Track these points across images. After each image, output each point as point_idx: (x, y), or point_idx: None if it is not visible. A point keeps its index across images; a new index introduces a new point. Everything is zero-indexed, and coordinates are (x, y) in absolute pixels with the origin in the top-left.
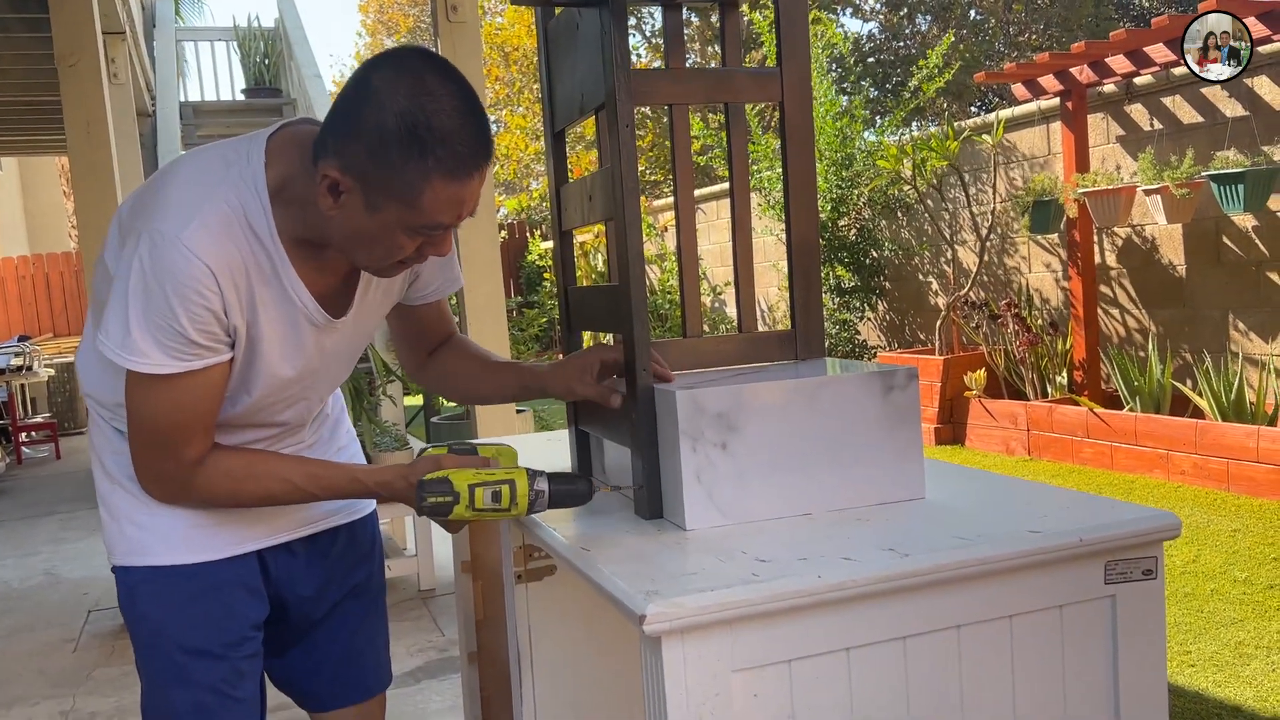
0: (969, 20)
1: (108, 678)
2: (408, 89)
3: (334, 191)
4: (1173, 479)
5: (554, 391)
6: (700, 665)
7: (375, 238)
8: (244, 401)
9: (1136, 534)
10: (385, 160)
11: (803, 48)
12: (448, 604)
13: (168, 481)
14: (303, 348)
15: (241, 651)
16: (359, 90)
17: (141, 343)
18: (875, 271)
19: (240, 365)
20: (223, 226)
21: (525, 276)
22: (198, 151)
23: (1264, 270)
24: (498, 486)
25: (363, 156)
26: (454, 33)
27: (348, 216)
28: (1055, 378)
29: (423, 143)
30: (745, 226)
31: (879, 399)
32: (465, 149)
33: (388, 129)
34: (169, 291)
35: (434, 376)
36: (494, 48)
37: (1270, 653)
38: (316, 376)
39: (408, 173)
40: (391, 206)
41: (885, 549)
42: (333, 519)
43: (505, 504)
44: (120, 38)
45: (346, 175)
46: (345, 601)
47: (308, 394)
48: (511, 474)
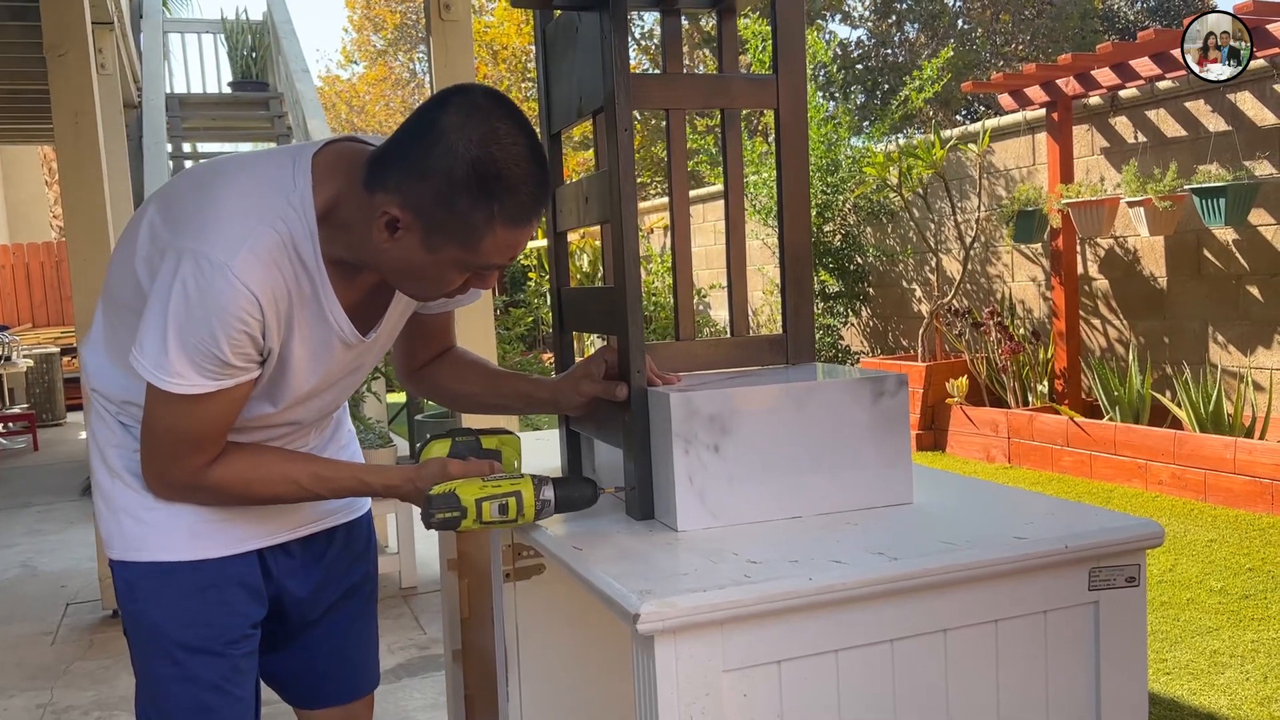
0: (957, 29)
1: (85, 671)
2: (479, 136)
3: (391, 228)
4: (1151, 489)
5: (564, 398)
6: (692, 665)
7: (426, 273)
8: (265, 410)
9: (1120, 541)
10: (452, 206)
11: (799, 54)
12: (429, 602)
13: (176, 484)
14: (331, 364)
15: (241, 649)
16: (428, 130)
17: (178, 364)
18: (859, 278)
19: (268, 380)
20: (270, 254)
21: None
22: (237, 165)
23: (1243, 284)
24: (505, 499)
25: (428, 199)
26: (446, 31)
27: (402, 251)
28: (1036, 386)
29: (491, 191)
30: (739, 231)
31: (869, 405)
32: (529, 198)
33: (457, 175)
34: (213, 319)
35: (433, 385)
36: (483, 45)
37: (1244, 662)
38: (337, 386)
39: (473, 219)
40: (449, 248)
41: (874, 553)
42: (330, 519)
43: (512, 515)
44: (108, 28)
45: (408, 213)
46: (340, 602)
47: (325, 399)
48: (518, 484)
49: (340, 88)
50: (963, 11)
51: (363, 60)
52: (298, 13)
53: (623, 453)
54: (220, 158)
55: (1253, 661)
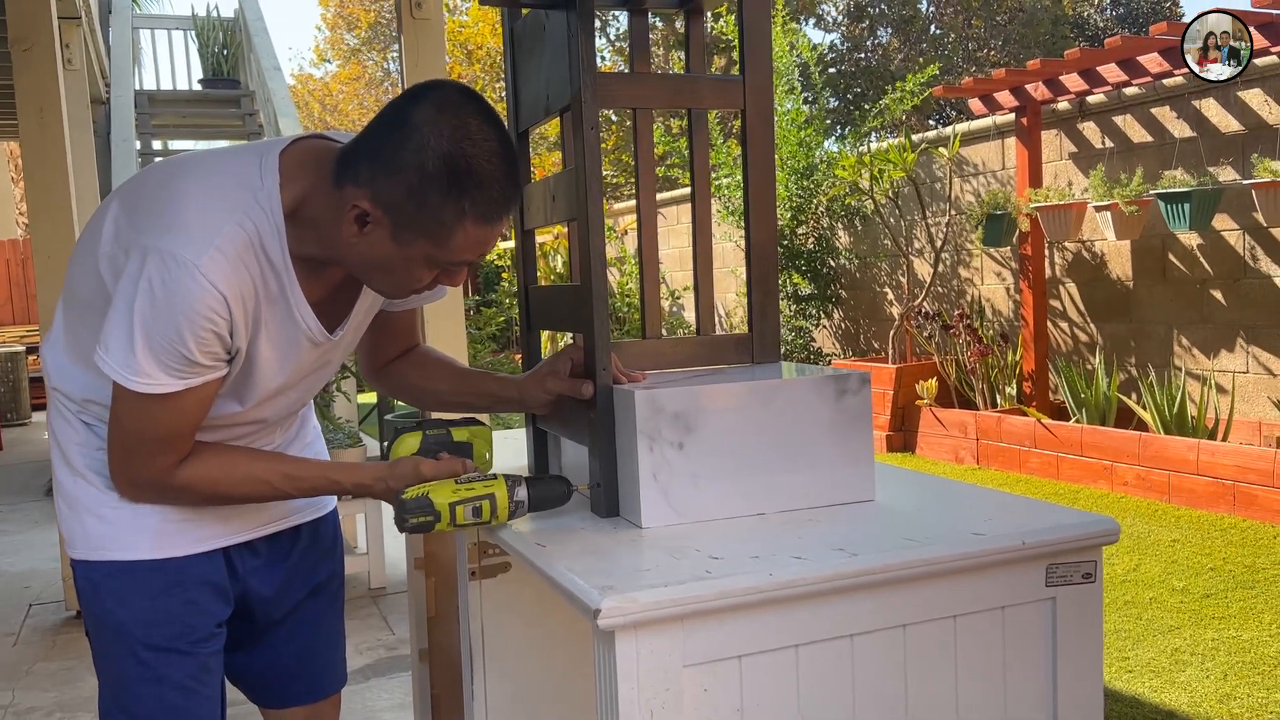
0: (929, 35)
1: (48, 672)
2: (450, 130)
3: (361, 221)
4: (1116, 490)
5: (531, 396)
6: (652, 660)
7: (396, 269)
8: (232, 409)
9: (1077, 538)
10: (422, 200)
11: (765, 56)
12: (398, 602)
13: (146, 485)
14: (298, 362)
15: (207, 648)
16: (398, 124)
17: (145, 364)
18: (832, 280)
19: (235, 379)
20: (237, 252)
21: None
22: (202, 162)
23: (1207, 288)
24: (478, 502)
25: (398, 192)
26: (417, 29)
27: (371, 246)
28: (1005, 388)
29: (461, 186)
30: (706, 229)
31: (832, 403)
32: (500, 194)
33: (428, 170)
34: (180, 318)
35: (399, 382)
36: (457, 45)
37: (1204, 660)
38: (303, 384)
39: (443, 214)
40: (419, 243)
41: (835, 549)
42: (295, 517)
43: (486, 517)
44: (75, 23)
45: (378, 208)
46: (307, 600)
47: (291, 396)
48: (491, 486)
49: (313, 86)
50: (935, 17)
51: (336, 59)
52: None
53: (588, 450)
54: (186, 154)
55: (1213, 659)
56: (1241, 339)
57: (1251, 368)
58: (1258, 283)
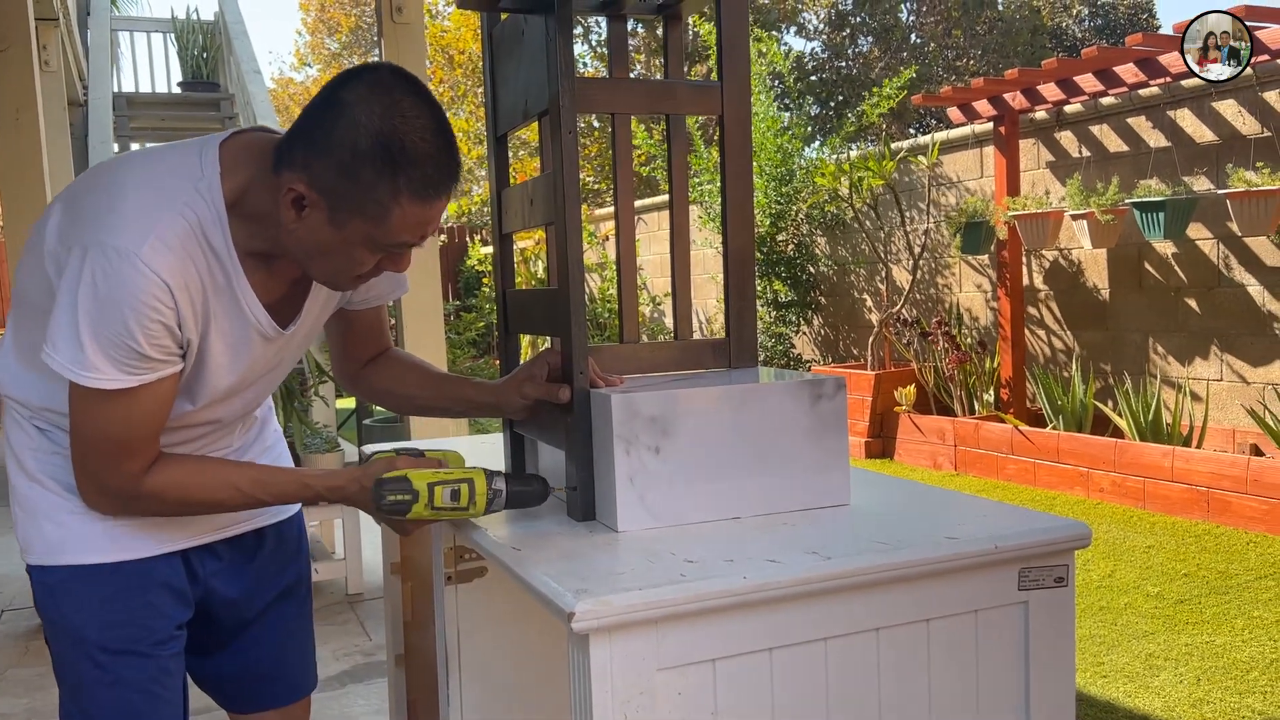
0: (910, 44)
1: (20, 679)
2: (382, 108)
3: (298, 205)
4: (1092, 496)
5: (508, 402)
6: (626, 663)
7: (336, 252)
8: (184, 408)
9: (1049, 542)
10: (355, 178)
11: (743, 63)
12: (375, 608)
13: (114, 494)
14: (249, 358)
15: (167, 650)
16: (331, 105)
17: (95, 358)
18: (811, 286)
19: (187, 376)
20: (180, 241)
21: (464, 281)
22: (142, 157)
23: (1182, 296)
24: (456, 485)
25: (332, 172)
26: (398, 34)
27: (310, 230)
28: (983, 395)
29: (395, 163)
30: (684, 235)
31: (807, 407)
32: (436, 171)
33: (360, 147)
34: (125, 309)
35: (373, 387)
36: (439, 50)
37: (1178, 665)
38: (258, 382)
39: (377, 192)
40: (357, 223)
41: (809, 552)
42: (257, 520)
43: (464, 503)
44: (53, 24)
45: (313, 190)
46: (275, 604)
47: (245, 397)
48: (470, 473)
49: (294, 90)
50: (915, 26)
51: (316, 63)
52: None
53: (565, 454)
54: (127, 153)
55: (1186, 664)
56: (1215, 347)
57: (1225, 375)
58: (1231, 291)
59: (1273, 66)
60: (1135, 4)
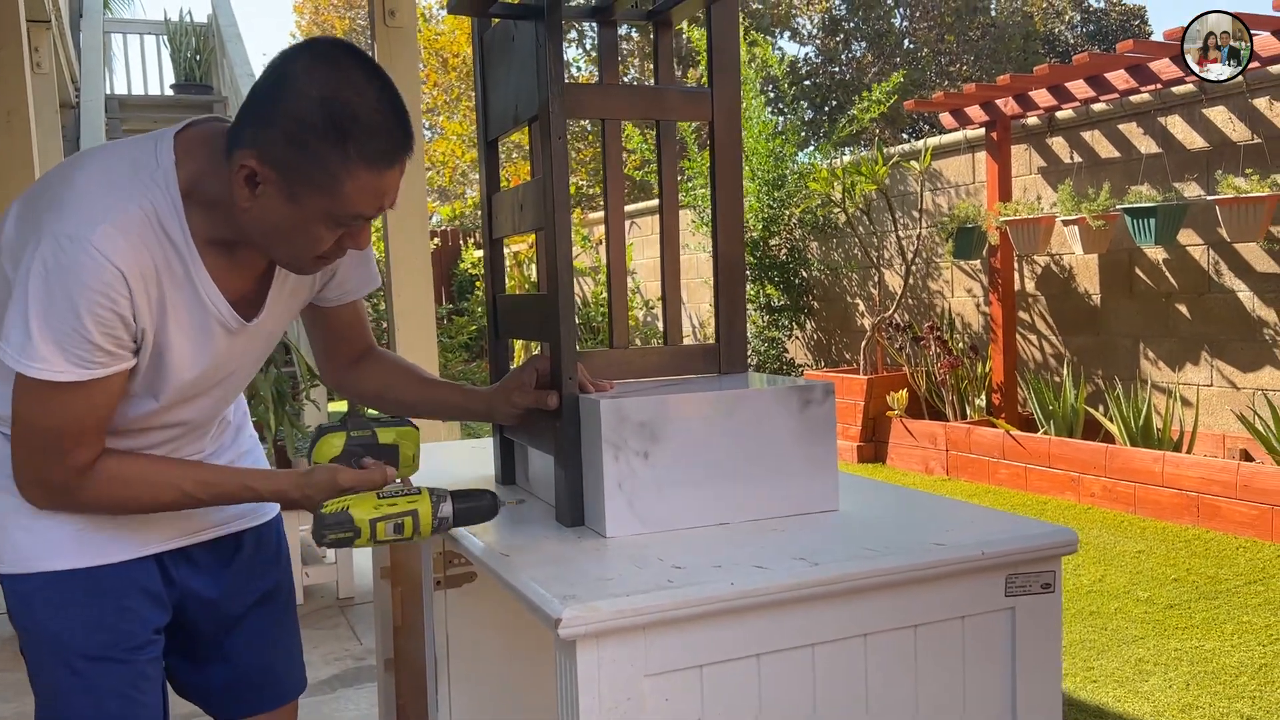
0: (903, 49)
1: (9, 682)
2: (326, 77)
3: (251, 182)
4: (1083, 501)
5: (499, 409)
6: (614, 669)
7: (293, 230)
8: (149, 406)
9: (1036, 548)
10: (305, 148)
11: (733, 68)
12: (366, 612)
13: (51, 487)
14: (213, 351)
15: (144, 655)
16: (276, 79)
17: (44, 348)
18: (804, 291)
19: (146, 370)
20: (134, 228)
21: (457, 284)
22: (99, 151)
23: (1173, 302)
24: (400, 519)
25: (281, 144)
26: (391, 37)
27: (265, 208)
28: (974, 400)
29: (344, 130)
30: (674, 240)
31: (796, 413)
32: (387, 138)
33: (307, 117)
34: (75, 296)
35: (362, 387)
36: (433, 53)
37: (1167, 669)
38: (225, 378)
39: (328, 161)
40: (311, 197)
41: (797, 558)
42: (235, 524)
43: (408, 534)
44: (45, 26)
45: (265, 165)
46: (255, 609)
47: (214, 395)
48: (414, 502)
49: None
50: (909, 31)
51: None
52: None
53: (554, 459)
54: (86, 149)
55: (1175, 669)
56: (1206, 352)
57: (1215, 381)
58: (1221, 297)
59: (1263, 73)
60: (1128, 10)
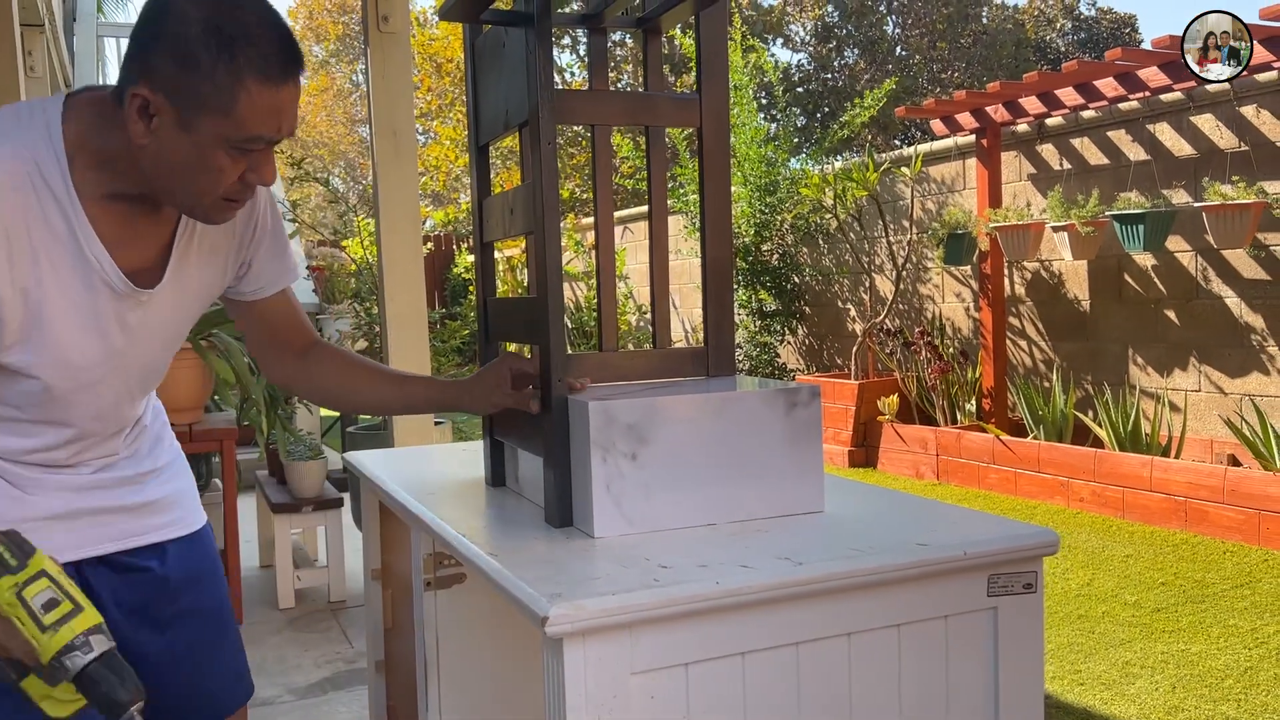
0: (895, 56)
1: None
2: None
3: (145, 114)
4: (1072, 505)
5: (472, 405)
6: (600, 667)
7: (194, 162)
8: (34, 388)
9: (1018, 548)
10: (195, 68)
11: (722, 74)
12: (357, 616)
13: None
14: (100, 320)
15: None
16: (158, 10)
17: None
18: (796, 296)
19: (23, 333)
20: (8, 177)
21: (450, 289)
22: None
23: (1161, 307)
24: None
25: (171, 68)
26: (384, 42)
27: (162, 142)
28: (964, 405)
29: (231, 44)
30: (662, 244)
31: (783, 415)
32: (274, 51)
33: (194, 36)
34: None
35: (315, 385)
36: (427, 59)
37: (1154, 672)
38: (123, 361)
39: (218, 76)
40: (206, 120)
41: (781, 558)
42: (156, 534)
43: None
44: (39, 30)
45: (157, 92)
46: (186, 625)
47: (114, 384)
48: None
49: None
50: (901, 39)
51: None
52: None
53: (542, 460)
54: None
55: (1162, 672)
56: (1194, 358)
57: (1203, 386)
58: (1209, 303)
59: (1250, 81)
60: (1118, 18)
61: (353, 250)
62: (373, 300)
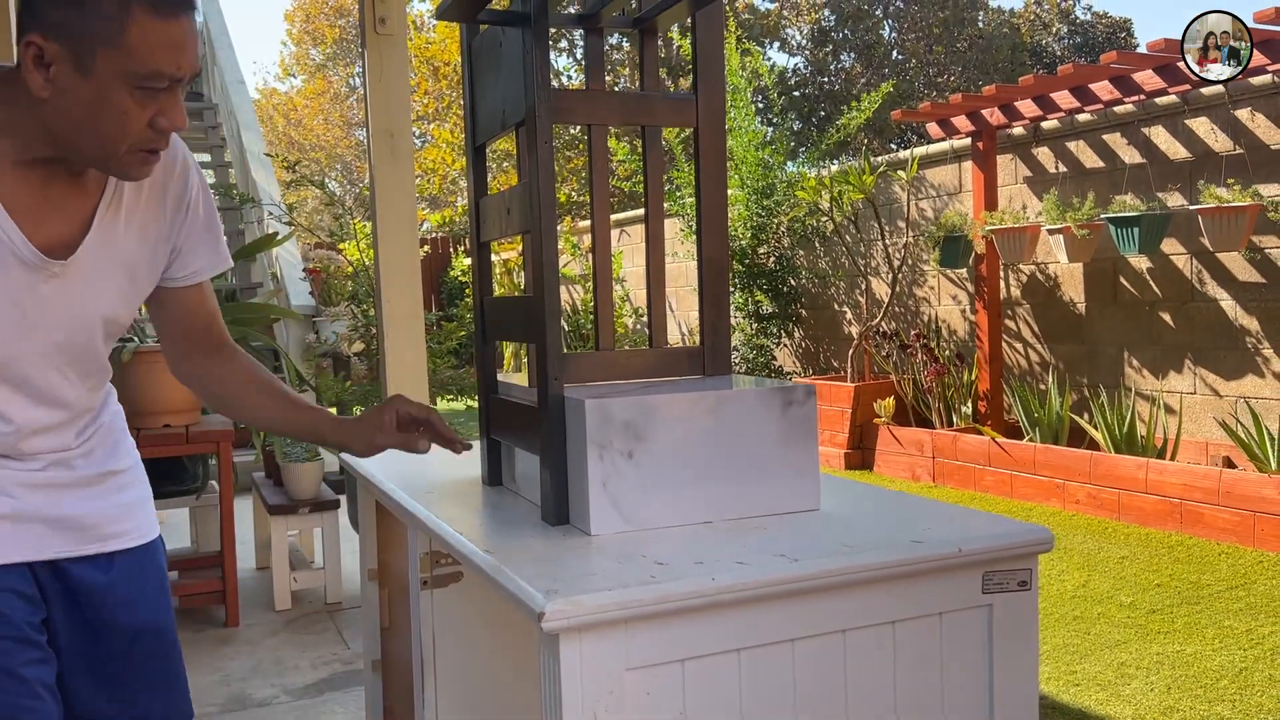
0: (891, 60)
1: None
2: None
3: (41, 63)
4: (1068, 507)
5: (353, 444)
6: (596, 663)
7: (99, 108)
8: None
9: (1012, 546)
10: (81, 5)
11: (718, 75)
12: (353, 617)
13: None
14: (12, 291)
15: (24, 656)
16: None
17: None
18: (792, 299)
19: None
20: None
21: (447, 291)
22: None
23: (1156, 310)
24: None
25: (58, 10)
26: (381, 45)
27: (64, 92)
28: (960, 407)
29: None
30: (659, 243)
31: (778, 414)
32: None
33: None
34: None
35: (214, 389)
36: (423, 61)
37: (1149, 673)
38: (43, 334)
39: (105, 8)
40: (102, 58)
41: (777, 555)
42: (108, 543)
43: None
44: None
45: (49, 39)
46: (132, 645)
47: (37, 360)
48: None
49: (278, 100)
50: (897, 43)
51: (301, 73)
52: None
53: (539, 459)
54: None
55: (1157, 673)
56: (1189, 360)
57: (1199, 388)
58: (1204, 305)
59: (1244, 84)
60: (1113, 23)
61: (349, 253)
62: (369, 303)
